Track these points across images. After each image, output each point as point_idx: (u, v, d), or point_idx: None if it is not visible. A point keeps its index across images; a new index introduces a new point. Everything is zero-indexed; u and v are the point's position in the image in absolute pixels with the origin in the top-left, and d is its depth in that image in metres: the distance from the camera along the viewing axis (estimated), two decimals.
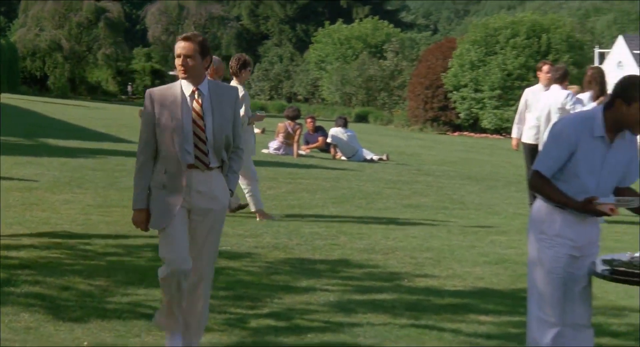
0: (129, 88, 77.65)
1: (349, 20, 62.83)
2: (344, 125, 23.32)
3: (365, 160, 22.80)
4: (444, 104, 48.58)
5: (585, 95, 14.57)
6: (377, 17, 62.17)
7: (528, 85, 19.34)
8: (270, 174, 18.43)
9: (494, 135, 45.71)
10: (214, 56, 8.39)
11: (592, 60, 49.75)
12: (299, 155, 22.49)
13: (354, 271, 10.34)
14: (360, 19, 62.20)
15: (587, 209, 5.93)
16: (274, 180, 17.59)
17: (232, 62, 12.70)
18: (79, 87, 77.12)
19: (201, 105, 6.39)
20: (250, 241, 11.50)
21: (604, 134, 6.01)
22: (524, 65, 45.48)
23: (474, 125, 47.73)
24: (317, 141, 24.13)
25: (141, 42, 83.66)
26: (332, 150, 23.21)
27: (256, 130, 29.90)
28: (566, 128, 6.07)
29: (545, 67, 15.25)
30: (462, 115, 47.77)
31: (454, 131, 48.05)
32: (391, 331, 7.88)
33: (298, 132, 22.93)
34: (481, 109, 47.06)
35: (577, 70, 38.80)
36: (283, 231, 12.30)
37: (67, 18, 75.75)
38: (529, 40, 46.65)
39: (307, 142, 24.19)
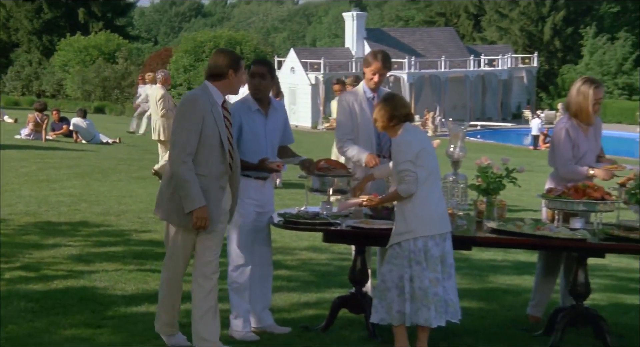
0: None
1: (86, 32, 61.03)
2: (84, 115, 22.87)
3: (102, 143, 22.33)
4: None
5: None
6: (109, 31, 60.91)
7: None
8: (23, 155, 17.71)
9: None
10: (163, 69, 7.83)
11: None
12: (47, 140, 21.78)
13: (92, 230, 10.09)
14: (96, 32, 60.63)
15: (262, 167, 6.00)
16: (25, 160, 16.84)
17: None
18: None
19: None
20: (6, 209, 10.92)
21: (258, 108, 6.10)
22: None
23: None
24: (62, 129, 23.40)
25: None
26: (74, 135, 22.57)
27: (10, 120, 28.74)
28: (233, 110, 6.02)
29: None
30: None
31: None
32: (122, 275, 7.78)
33: (45, 121, 22.20)
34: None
35: None
36: (34, 200, 11.78)
37: None
38: None
39: (53, 130, 23.39)
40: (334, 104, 13.58)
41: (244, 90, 6.18)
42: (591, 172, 6.46)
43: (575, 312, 6.04)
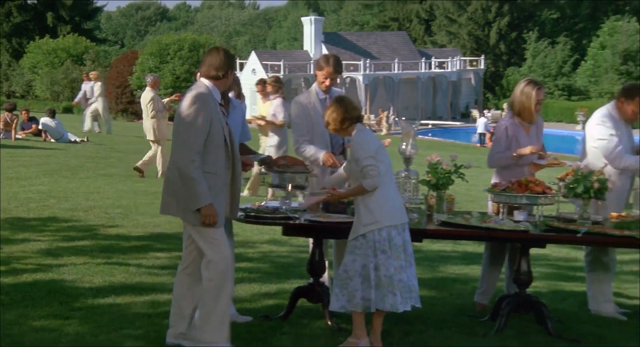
0: None
1: (54, 35, 60.23)
2: (53, 115, 22.53)
3: (70, 141, 22.01)
4: (130, 99, 48.03)
5: (230, 94, 14.64)
6: (77, 34, 60.14)
7: (191, 86, 19.21)
8: None
9: (169, 121, 45.51)
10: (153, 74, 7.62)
11: (235, 68, 50.92)
12: (16, 139, 21.40)
13: (60, 225, 9.96)
14: (64, 35, 59.85)
15: None
16: None
17: None
18: None
19: None
20: None
21: (220, 101, 6.04)
22: (188, 71, 45.94)
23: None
24: (31, 128, 23.00)
25: None
26: (43, 134, 22.22)
27: None
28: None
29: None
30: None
31: (139, 119, 47.33)
32: (89, 268, 7.69)
33: (15, 121, 21.83)
34: None
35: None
36: (4, 197, 11.59)
37: None
38: (190, 52, 47.08)
39: (22, 129, 23.01)
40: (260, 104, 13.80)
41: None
42: (514, 154, 6.53)
43: (519, 299, 6.11)
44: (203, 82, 5.49)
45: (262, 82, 13.01)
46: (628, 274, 8.50)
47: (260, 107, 13.41)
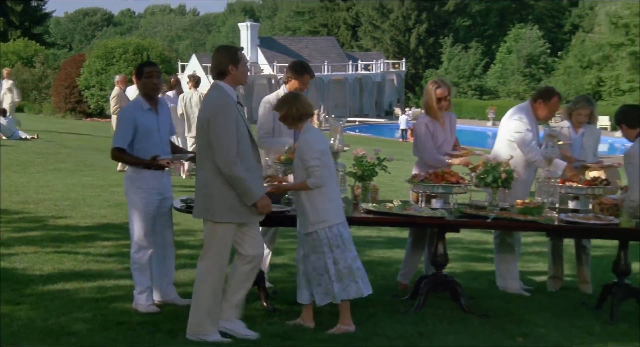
0: None
1: (5, 39, 58.54)
2: (4, 114, 21.81)
3: (21, 139, 21.38)
4: (79, 99, 47.09)
5: (171, 93, 14.49)
6: (27, 38, 58.59)
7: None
8: None
9: None
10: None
11: (176, 70, 50.55)
12: None
13: (12, 217, 9.70)
14: (14, 39, 58.27)
15: (153, 164, 5.86)
16: None
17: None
18: None
19: None
20: None
21: (150, 107, 5.95)
22: (132, 73, 45.21)
23: (101, 113, 46.62)
24: None
25: None
26: None
27: None
28: (126, 110, 5.98)
29: (119, 77, 14.90)
30: (92, 106, 46.43)
31: (87, 117, 46.53)
32: (39, 257, 7.53)
33: None
34: (105, 101, 45.95)
35: (168, 77, 38.97)
36: None
37: None
38: (135, 55, 46.43)
39: None
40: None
41: (135, 90, 6.06)
42: (449, 161, 6.64)
43: (436, 279, 6.18)
44: (216, 83, 5.25)
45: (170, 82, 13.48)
46: (531, 254, 8.68)
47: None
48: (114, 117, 14.51)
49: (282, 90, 6.64)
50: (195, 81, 14.25)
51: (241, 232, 5.28)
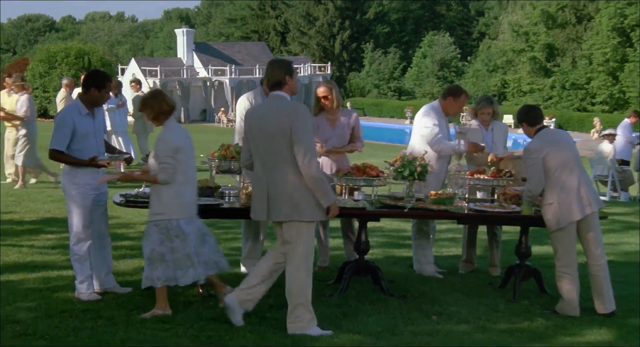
0: None
1: None
2: None
3: None
4: None
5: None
6: None
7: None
8: None
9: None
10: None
11: (116, 73, 49.63)
12: None
13: None
14: None
15: (93, 164, 5.73)
16: None
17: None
18: None
19: None
20: None
21: (88, 112, 5.80)
22: (74, 76, 44.13)
23: (45, 114, 45.39)
24: None
25: None
26: None
27: None
28: (65, 114, 5.78)
29: (67, 81, 14.34)
30: (35, 107, 45.17)
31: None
32: None
33: None
34: (49, 103, 44.84)
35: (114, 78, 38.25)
36: None
37: None
38: (76, 59, 45.46)
39: None
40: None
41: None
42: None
43: (359, 265, 6.23)
44: (277, 94, 5.13)
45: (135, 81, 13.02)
46: (444, 240, 8.81)
47: (4, 101, 12.55)
48: None
49: (258, 90, 6.66)
50: (139, 84, 14.27)
51: None
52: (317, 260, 7.06)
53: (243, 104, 6.60)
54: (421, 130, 6.88)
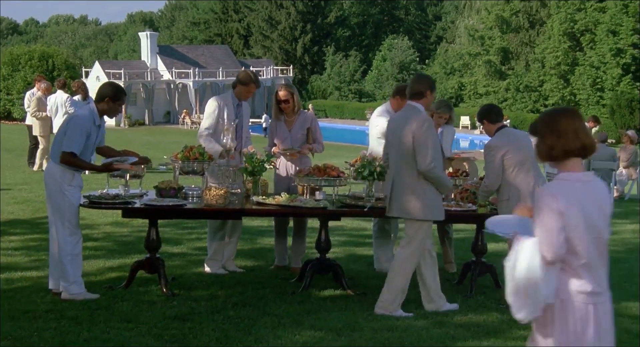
0: None
1: None
2: None
3: None
4: None
5: (77, 97, 13.82)
6: None
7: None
8: None
9: (23, 122, 42.71)
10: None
11: (81, 75, 48.87)
12: None
13: None
14: None
15: (110, 169, 5.75)
16: None
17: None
18: None
19: None
20: None
21: (99, 123, 5.77)
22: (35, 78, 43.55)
23: (8, 116, 44.47)
24: None
25: None
26: None
27: None
28: (83, 121, 5.64)
29: (45, 84, 14.13)
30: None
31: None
32: None
33: None
34: (12, 105, 43.93)
35: (72, 81, 37.58)
36: None
37: None
38: (40, 62, 44.65)
39: None
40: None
41: (56, 99, 5.77)
42: (274, 149, 6.81)
43: (320, 263, 6.24)
44: (413, 104, 5.56)
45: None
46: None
47: None
48: (34, 120, 13.75)
49: (229, 94, 6.73)
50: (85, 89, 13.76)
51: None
52: (275, 260, 7.08)
53: (212, 106, 6.62)
54: (375, 130, 6.93)
